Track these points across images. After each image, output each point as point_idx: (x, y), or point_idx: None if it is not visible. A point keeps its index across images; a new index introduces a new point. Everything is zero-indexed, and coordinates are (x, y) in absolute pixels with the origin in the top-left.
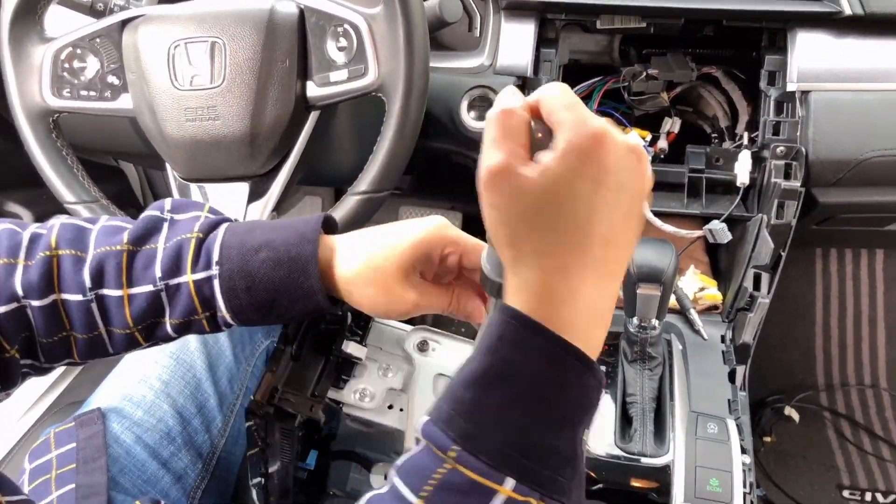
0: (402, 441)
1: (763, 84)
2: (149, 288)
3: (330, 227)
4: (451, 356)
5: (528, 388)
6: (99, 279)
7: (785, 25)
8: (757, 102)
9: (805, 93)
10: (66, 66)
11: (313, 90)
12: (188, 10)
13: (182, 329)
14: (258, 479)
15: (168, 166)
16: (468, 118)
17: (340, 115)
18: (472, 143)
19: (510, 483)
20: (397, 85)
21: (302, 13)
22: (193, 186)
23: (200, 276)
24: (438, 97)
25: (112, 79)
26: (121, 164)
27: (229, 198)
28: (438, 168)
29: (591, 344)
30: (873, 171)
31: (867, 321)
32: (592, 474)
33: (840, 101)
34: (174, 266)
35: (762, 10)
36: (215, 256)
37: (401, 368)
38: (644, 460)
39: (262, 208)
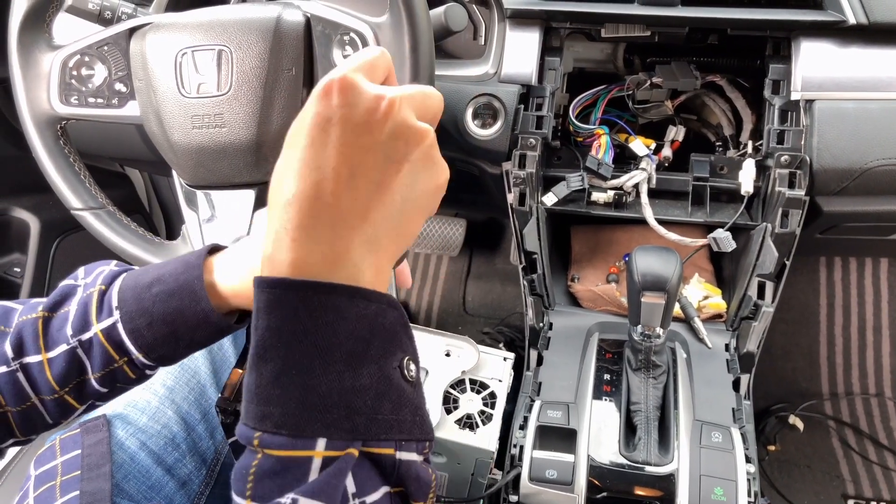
0: None
1: (767, 93)
2: (64, 347)
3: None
4: (427, 350)
5: (294, 346)
6: (19, 348)
7: (789, 34)
8: (761, 111)
9: (809, 102)
10: (74, 73)
11: None
12: (195, 19)
13: (108, 382)
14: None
15: (174, 173)
16: (473, 126)
17: None
18: (477, 150)
19: (322, 443)
20: None
21: (308, 22)
22: (200, 193)
23: (106, 323)
24: (443, 105)
25: (119, 86)
26: (126, 171)
27: (235, 205)
28: None
29: (363, 271)
30: (877, 179)
31: (871, 330)
32: (596, 482)
33: (844, 110)
34: (83, 322)
35: (766, 19)
36: (115, 302)
37: None
38: (648, 469)
39: None
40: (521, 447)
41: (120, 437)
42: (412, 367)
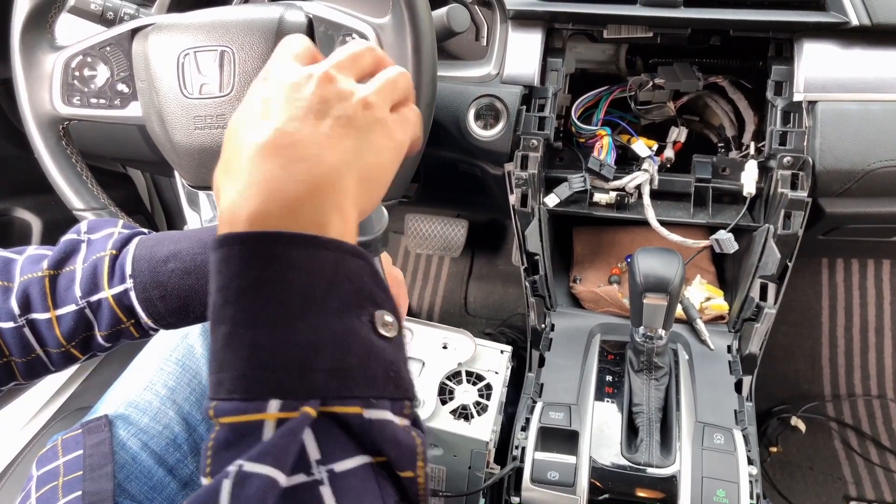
0: None
1: (770, 94)
2: (72, 307)
3: None
4: (423, 342)
5: (242, 302)
6: (26, 305)
7: (792, 36)
8: (763, 112)
9: (812, 103)
10: (77, 74)
11: None
12: (198, 20)
13: (113, 339)
14: None
15: (176, 174)
16: (475, 127)
17: None
18: (479, 151)
19: (274, 405)
20: None
21: (310, 22)
22: (201, 193)
23: (118, 289)
24: (446, 106)
25: (122, 87)
26: (128, 171)
27: None
28: (445, 176)
29: (324, 223)
30: (880, 181)
31: (874, 331)
32: (598, 484)
33: (847, 112)
34: (92, 285)
35: (769, 20)
36: (128, 270)
37: None
38: (650, 471)
39: None
40: (523, 448)
41: (122, 437)
42: (388, 319)
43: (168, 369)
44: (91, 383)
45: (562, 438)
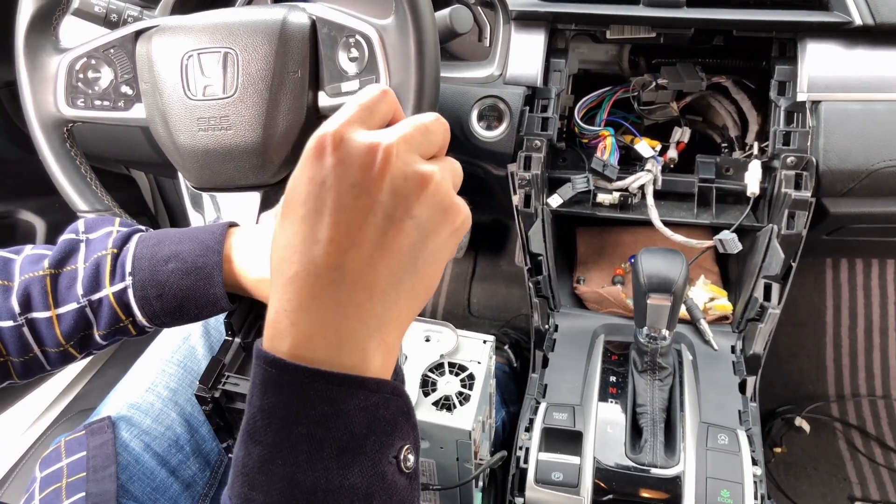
0: None
1: (773, 94)
2: (74, 306)
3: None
4: (406, 336)
5: (283, 433)
6: (27, 304)
7: (795, 35)
8: (767, 112)
9: (815, 103)
10: (81, 76)
11: (325, 100)
12: (201, 21)
13: (110, 336)
14: (224, 444)
15: (180, 175)
16: (478, 128)
17: None
18: (482, 152)
19: None
20: (408, 95)
21: (314, 24)
22: (205, 195)
23: (118, 287)
24: (449, 107)
25: (125, 89)
26: (132, 173)
27: (241, 207)
28: None
29: (370, 353)
30: (884, 181)
31: (878, 331)
32: (602, 485)
33: (850, 112)
34: (94, 283)
35: (772, 20)
36: (128, 268)
37: None
38: (654, 471)
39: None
40: (527, 449)
41: (124, 438)
42: (411, 457)
43: (170, 371)
44: (94, 385)
45: (565, 439)
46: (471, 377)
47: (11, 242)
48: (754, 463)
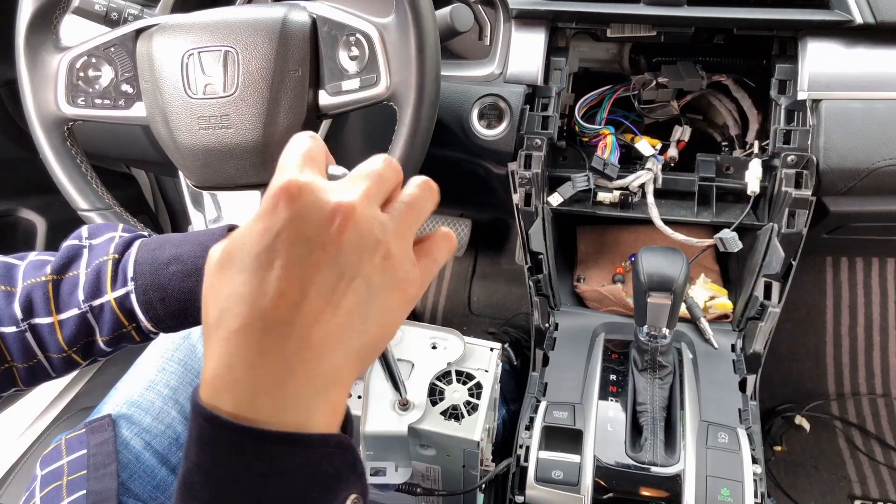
0: (359, 426)
1: (774, 92)
2: (75, 312)
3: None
4: (412, 344)
5: (220, 492)
6: (29, 310)
7: (796, 34)
8: (767, 111)
9: (816, 101)
10: (81, 74)
11: (325, 99)
12: (202, 20)
13: (114, 343)
14: None
15: (181, 174)
16: (479, 126)
17: (352, 123)
18: (483, 151)
19: None
20: (409, 94)
21: (314, 23)
22: (206, 194)
23: (120, 293)
24: (449, 106)
25: (126, 87)
26: (133, 172)
27: (241, 205)
28: (448, 176)
29: (315, 411)
30: (884, 179)
31: (878, 330)
32: (602, 483)
33: (851, 110)
34: (95, 288)
35: (773, 18)
36: (130, 273)
37: None
38: (654, 469)
39: None
40: (527, 447)
41: (125, 436)
42: (356, 502)
43: (170, 369)
44: (94, 383)
45: (566, 437)
46: (478, 386)
47: (12, 241)
48: (754, 461)
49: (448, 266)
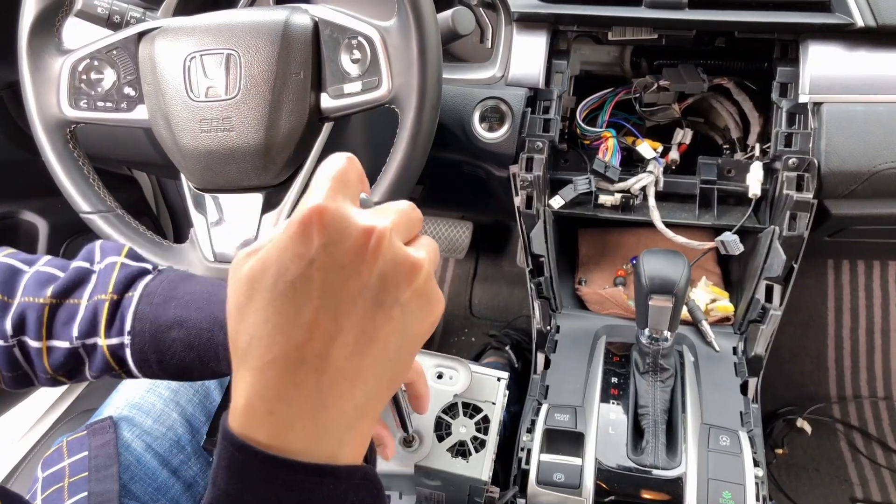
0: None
1: (775, 95)
2: (66, 344)
3: None
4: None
5: None
6: (20, 328)
7: (797, 37)
8: (769, 114)
9: (817, 104)
10: (84, 77)
11: (327, 102)
12: (204, 23)
13: (101, 377)
14: None
15: (183, 176)
16: (480, 129)
17: (354, 126)
18: (484, 153)
19: None
20: (410, 97)
21: (316, 26)
22: (207, 196)
23: (114, 341)
24: (451, 108)
25: (128, 90)
26: (135, 174)
27: (243, 208)
28: (450, 178)
29: (345, 444)
30: (886, 182)
31: (880, 333)
32: (604, 486)
33: (852, 113)
34: (90, 327)
35: (774, 21)
36: (128, 326)
37: None
38: (656, 472)
39: (276, 218)
40: (529, 450)
41: (126, 438)
42: None
43: None
44: (96, 386)
45: (567, 440)
46: (485, 420)
47: (14, 243)
48: (756, 464)
49: (449, 268)
